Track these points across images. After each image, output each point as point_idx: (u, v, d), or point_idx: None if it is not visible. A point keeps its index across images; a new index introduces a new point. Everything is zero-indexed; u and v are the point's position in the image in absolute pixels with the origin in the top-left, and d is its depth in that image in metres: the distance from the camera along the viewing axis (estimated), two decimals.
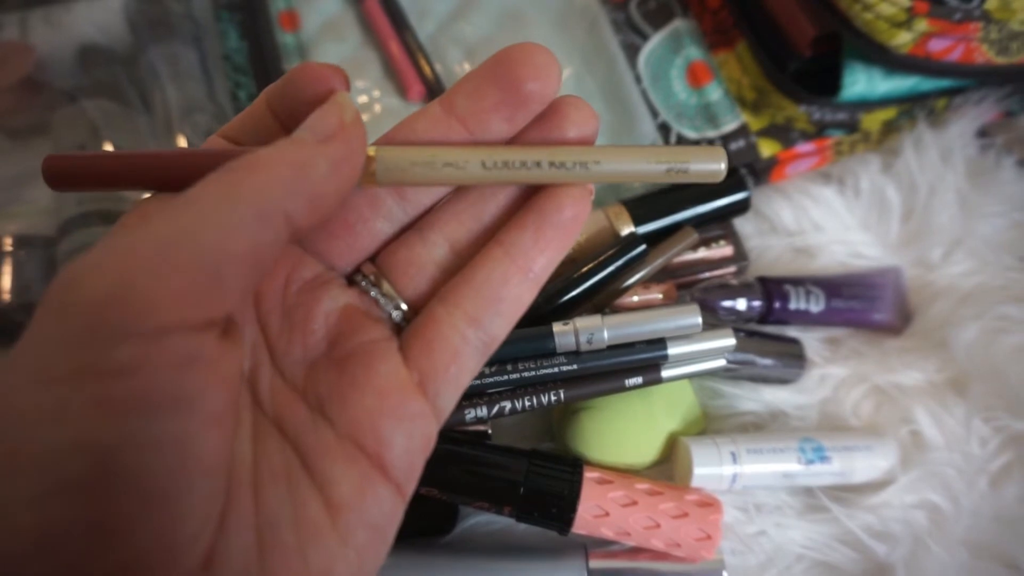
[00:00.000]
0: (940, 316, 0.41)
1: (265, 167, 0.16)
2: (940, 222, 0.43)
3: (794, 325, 0.41)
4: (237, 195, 0.16)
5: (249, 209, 0.16)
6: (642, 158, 0.20)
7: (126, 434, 0.14)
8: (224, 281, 0.15)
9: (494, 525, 0.37)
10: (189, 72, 0.46)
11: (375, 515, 0.18)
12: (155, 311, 0.14)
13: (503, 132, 0.20)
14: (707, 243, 0.41)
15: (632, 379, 0.33)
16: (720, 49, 0.46)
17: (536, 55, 0.19)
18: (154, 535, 0.14)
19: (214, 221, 0.15)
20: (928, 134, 0.44)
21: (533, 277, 0.20)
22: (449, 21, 0.48)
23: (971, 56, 0.39)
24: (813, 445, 0.36)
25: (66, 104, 0.45)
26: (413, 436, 0.19)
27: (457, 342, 0.20)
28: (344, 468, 0.18)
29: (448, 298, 0.20)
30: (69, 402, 0.14)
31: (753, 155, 0.43)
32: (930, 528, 0.36)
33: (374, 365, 0.19)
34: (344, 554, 0.17)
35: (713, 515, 0.33)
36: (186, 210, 0.15)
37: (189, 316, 0.15)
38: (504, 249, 0.20)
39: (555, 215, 0.20)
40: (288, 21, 0.47)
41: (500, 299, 0.20)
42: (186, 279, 0.15)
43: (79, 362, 0.14)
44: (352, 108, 0.18)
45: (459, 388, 0.20)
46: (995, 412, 0.38)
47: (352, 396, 0.19)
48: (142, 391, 0.14)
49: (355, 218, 0.21)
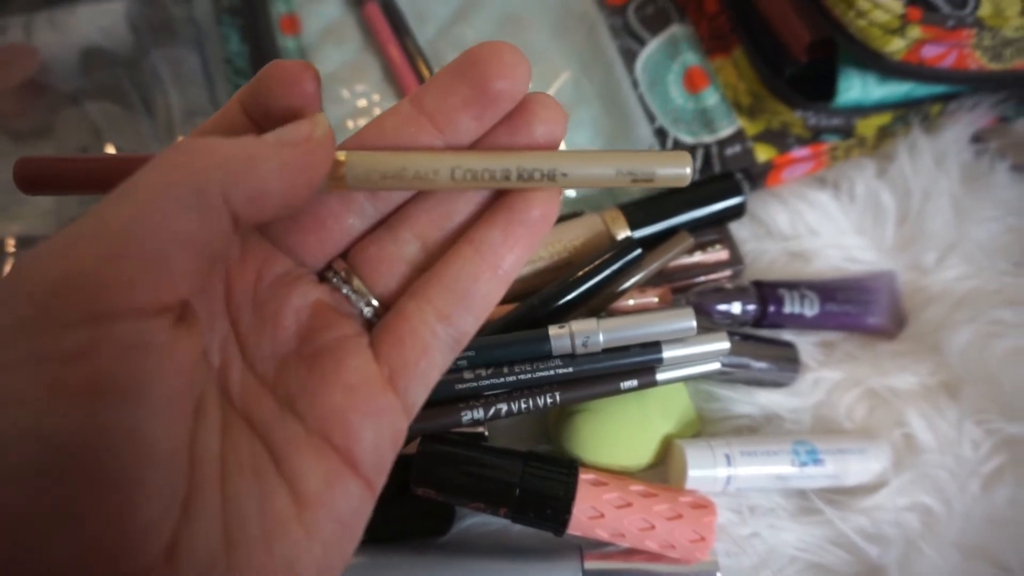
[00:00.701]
0: (934, 320, 0.41)
1: (208, 151, 0.16)
2: (934, 227, 0.43)
3: (789, 329, 0.41)
4: (176, 178, 0.16)
5: (186, 190, 0.16)
6: (608, 164, 0.20)
7: (78, 420, 0.14)
8: (171, 266, 0.15)
9: (490, 526, 0.37)
10: (191, 76, 0.46)
11: (343, 509, 0.18)
12: (103, 296, 0.14)
13: (472, 130, 0.20)
14: (703, 247, 0.41)
15: (627, 382, 0.33)
16: (717, 55, 0.46)
17: (504, 53, 0.19)
18: (111, 522, 0.14)
19: (154, 206, 0.15)
20: (923, 139, 0.44)
21: (502, 274, 0.21)
22: (449, 25, 0.48)
23: (964, 62, 0.40)
24: (807, 448, 0.37)
25: (69, 106, 0.45)
26: (382, 431, 0.19)
27: (427, 337, 0.20)
28: (313, 462, 0.18)
29: (419, 294, 0.20)
30: (20, 388, 0.14)
31: (749, 160, 0.43)
32: (922, 530, 0.36)
33: (344, 360, 0.19)
34: (309, 547, 0.17)
35: (707, 517, 0.34)
36: (129, 196, 0.16)
37: (138, 301, 0.15)
38: (474, 247, 0.20)
39: (525, 214, 0.20)
40: (289, 25, 0.48)
41: (470, 296, 0.20)
42: (132, 264, 0.15)
43: (29, 349, 0.14)
44: (325, 126, 0.19)
45: (429, 383, 0.20)
46: (988, 415, 0.38)
47: (321, 391, 0.19)
48: (93, 377, 0.14)
49: (326, 214, 0.21)
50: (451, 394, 0.32)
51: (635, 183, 0.20)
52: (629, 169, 0.20)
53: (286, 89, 0.19)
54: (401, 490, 0.34)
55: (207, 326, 0.19)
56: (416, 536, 0.37)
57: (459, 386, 0.32)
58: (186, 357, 0.16)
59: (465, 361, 0.32)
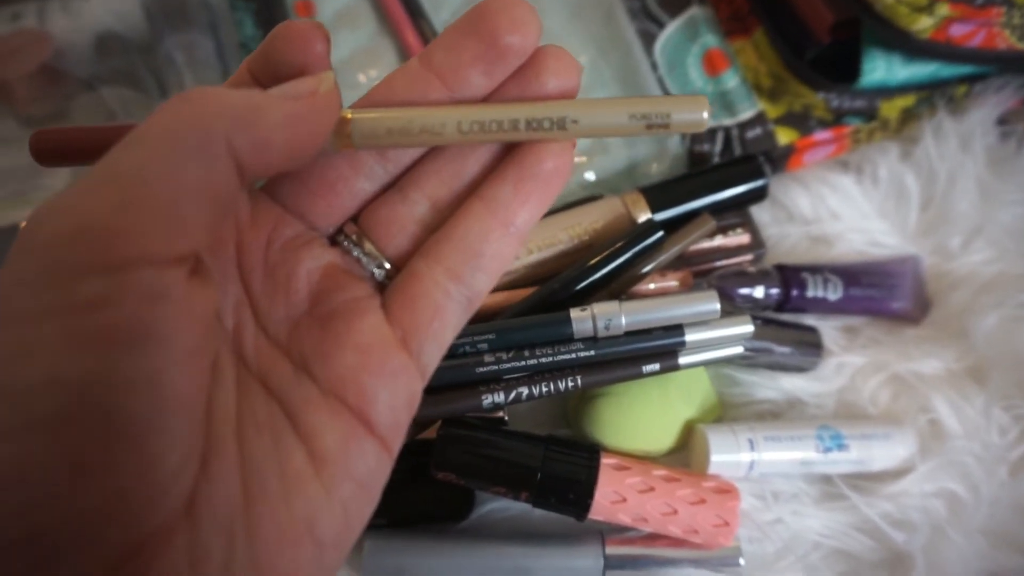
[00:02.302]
0: (959, 305, 0.41)
1: (214, 99, 0.16)
2: (959, 210, 0.43)
3: (811, 313, 0.41)
4: (181, 126, 0.16)
5: (192, 138, 0.16)
6: (621, 111, 0.20)
7: (97, 369, 0.14)
8: (183, 214, 0.15)
9: (511, 511, 0.37)
10: (206, 60, 0.46)
11: (360, 469, 0.18)
12: (118, 245, 0.14)
13: (482, 86, 0.20)
14: (724, 231, 0.41)
15: (649, 366, 0.32)
16: (737, 36, 0.45)
17: (514, 7, 0.18)
18: (132, 472, 0.14)
19: (162, 153, 0.15)
20: (947, 121, 0.44)
21: (515, 231, 0.20)
22: (464, 8, 0.48)
23: (993, 41, 0.39)
24: (831, 433, 0.36)
25: (84, 92, 0.45)
26: (397, 391, 0.19)
27: (439, 297, 0.20)
28: (329, 422, 0.18)
29: (429, 254, 0.20)
30: (39, 338, 0.14)
31: (770, 143, 0.43)
32: (949, 517, 0.36)
33: (356, 322, 0.19)
34: (329, 506, 0.18)
35: (731, 502, 0.33)
36: (137, 145, 0.16)
37: (153, 250, 0.15)
38: (485, 204, 0.20)
39: (536, 167, 0.20)
40: (303, 9, 0.47)
41: (481, 254, 0.20)
42: (145, 212, 0.15)
43: (46, 299, 0.14)
44: (331, 81, 0.18)
45: (443, 344, 0.20)
46: (1015, 401, 0.38)
47: (335, 353, 0.19)
48: (111, 325, 0.14)
49: (335, 177, 0.21)
50: (472, 378, 0.32)
51: (650, 129, 0.20)
52: (643, 112, 0.20)
53: (295, 48, 0.19)
54: (421, 474, 0.33)
55: (220, 289, 0.19)
56: (436, 521, 0.37)
57: (480, 369, 0.32)
58: (202, 310, 0.16)
59: (486, 344, 0.32)
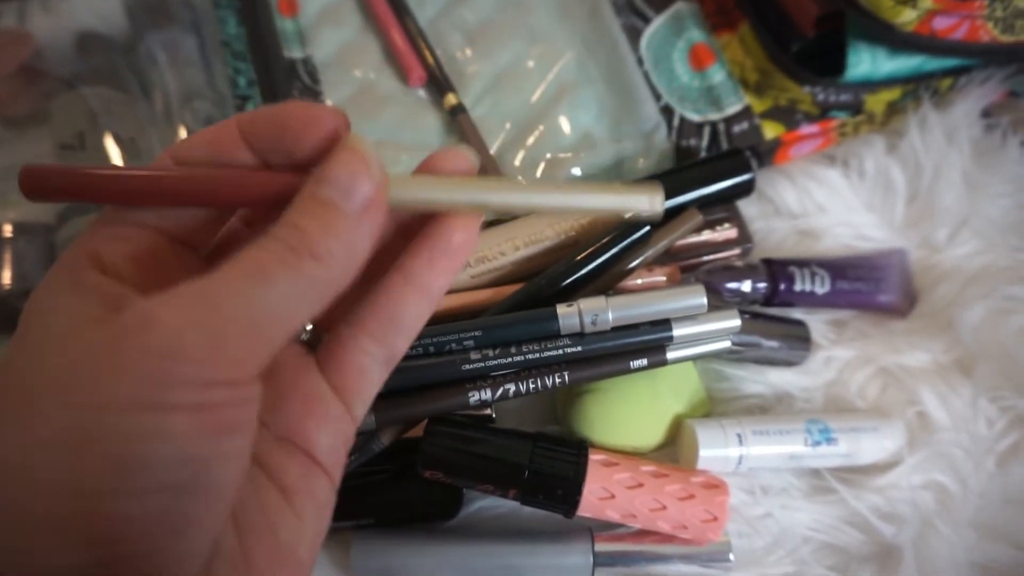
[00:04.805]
0: (946, 297, 0.41)
1: (324, 260, 0.18)
2: (945, 203, 0.43)
3: (799, 307, 0.41)
4: (310, 285, 0.18)
5: (316, 300, 0.18)
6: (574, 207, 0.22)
7: (214, 448, 0.17)
8: (273, 347, 0.18)
9: (499, 509, 0.37)
10: (188, 59, 0.46)
11: (319, 495, 0.21)
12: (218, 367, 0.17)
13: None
14: (711, 225, 0.40)
15: (637, 361, 0.32)
16: (722, 31, 0.45)
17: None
18: (209, 531, 0.17)
19: (290, 302, 0.18)
20: (933, 115, 0.44)
21: (431, 297, 0.22)
22: (449, 6, 0.47)
23: (976, 34, 0.39)
24: (819, 426, 0.36)
25: (65, 92, 0.44)
26: (336, 435, 0.21)
27: (364, 361, 0.22)
28: (286, 461, 0.20)
29: (354, 322, 0.22)
30: (173, 422, 0.16)
31: (757, 137, 0.43)
32: (938, 509, 0.36)
33: (300, 378, 0.21)
34: (302, 529, 0.20)
35: (720, 497, 0.33)
36: (260, 288, 0.17)
37: (239, 374, 0.17)
38: (404, 276, 0.22)
39: (446, 243, 0.22)
40: (287, 6, 0.47)
41: (400, 320, 0.22)
42: (245, 348, 0.17)
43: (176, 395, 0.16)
44: (377, 161, 0.19)
45: (368, 398, 0.22)
46: (1002, 392, 0.38)
47: (281, 404, 0.21)
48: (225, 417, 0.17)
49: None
50: (458, 375, 0.31)
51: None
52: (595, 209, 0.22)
53: (312, 134, 0.20)
54: (409, 473, 0.33)
55: None
56: (424, 520, 0.36)
57: (466, 367, 0.31)
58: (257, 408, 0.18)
59: (472, 342, 0.32)
